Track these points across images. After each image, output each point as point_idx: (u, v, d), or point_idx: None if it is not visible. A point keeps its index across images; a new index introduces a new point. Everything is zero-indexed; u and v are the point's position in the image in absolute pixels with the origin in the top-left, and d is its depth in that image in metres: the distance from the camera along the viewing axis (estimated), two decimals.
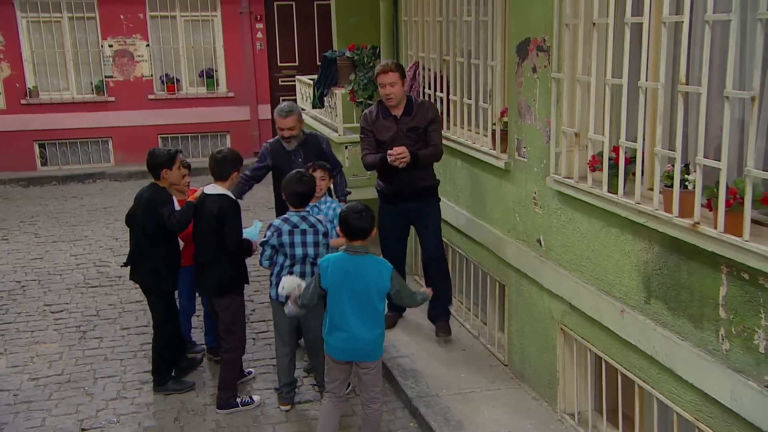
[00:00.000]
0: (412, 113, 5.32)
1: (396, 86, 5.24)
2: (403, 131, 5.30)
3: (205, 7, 13.17)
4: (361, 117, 5.50)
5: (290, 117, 5.62)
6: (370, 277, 4.06)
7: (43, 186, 12.32)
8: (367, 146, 5.43)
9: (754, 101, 2.92)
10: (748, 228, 2.96)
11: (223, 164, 4.82)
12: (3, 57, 12.46)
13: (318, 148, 5.82)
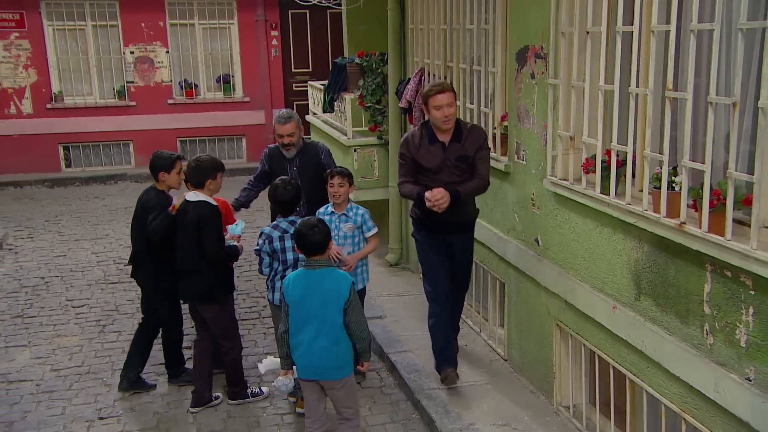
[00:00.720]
0: (461, 139, 4.60)
1: (453, 107, 4.54)
2: (452, 160, 4.60)
3: (222, 16, 13.29)
4: (402, 139, 4.81)
5: (289, 123, 5.43)
6: (330, 290, 3.85)
7: (67, 187, 12.47)
8: (405, 173, 4.75)
9: (735, 107, 2.97)
10: (731, 228, 3.01)
11: (197, 172, 4.67)
12: (30, 63, 12.61)
13: (316, 158, 5.59)
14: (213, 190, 4.73)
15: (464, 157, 4.62)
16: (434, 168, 4.63)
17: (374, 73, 7.42)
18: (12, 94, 12.63)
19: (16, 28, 12.45)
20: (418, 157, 4.65)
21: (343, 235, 4.90)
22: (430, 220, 4.72)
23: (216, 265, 4.73)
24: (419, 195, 4.61)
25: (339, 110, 7.95)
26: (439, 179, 4.59)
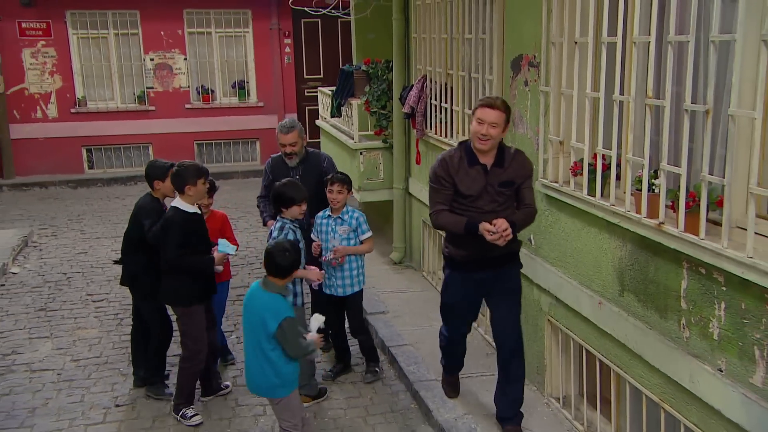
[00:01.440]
0: (504, 164, 3.99)
1: (497, 128, 3.87)
2: (495, 186, 3.96)
3: (238, 24, 13.45)
4: (436, 162, 4.06)
5: (291, 133, 5.30)
6: (262, 317, 3.72)
7: (89, 187, 12.65)
8: (442, 200, 4.03)
9: (708, 114, 3.05)
10: (704, 227, 3.09)
11: (177, 177, 4.50)
12: (56, 70, 12.81)
13: (318, 167, 5.43)
14: (193, 197, 4.51)
15: (509, 183, 3.99)
16: (474, 194, 3.95)
17: (380, 79, 7.53)
18: (38, 99, 12.83)
19: (43, 37, 12.66)
20: (457, 181, 3.97)
21: (339, 237, 4.98)
22: (475, 257, 4.05)
23: (173, 271, 4.56)
24: (470, 227, 3.90)
25: (346, 115, 8.06)
26: (478, 207, 3.97)
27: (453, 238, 4.15)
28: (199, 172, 4.50)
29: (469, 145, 4.02)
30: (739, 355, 2.97)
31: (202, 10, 13.18)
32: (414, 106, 6.65)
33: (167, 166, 4.82)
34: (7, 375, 5.51)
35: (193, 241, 4.54)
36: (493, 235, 3.82)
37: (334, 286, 5.05)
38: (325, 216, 5.06)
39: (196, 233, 4.55)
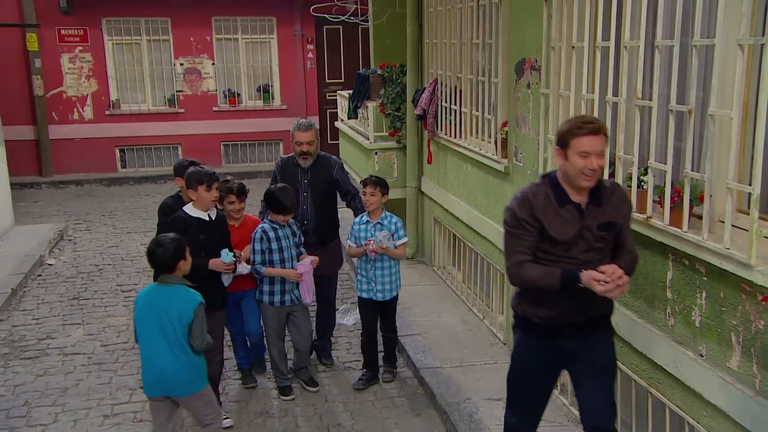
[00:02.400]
0: (601, 202, 3.09)
1: (603, 158, 3.00)
2: (593, 229, 3.06)
3: (263, 31, 13.66)
4: (514, 201, 3.14)
5: (309, 131, 5.08)
6: (175, 306, 3.65)
7: (122, 185, 12.93)
8: (525, 248, 3.09)
9: (691, 114, 3.13)
10: (687, 221, 3.17)
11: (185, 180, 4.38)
12: (92, 74, 13.10)
13: (328, 172, 5.18)
14: (197, 202, 4.34)
15: (609, 225, 3.08)
16: (568, 240, 3.04)
17: (394, 83, 7.64)
18: (75, 101, 13.14)
19: (80, 43, 12.96)
20: (545, 224, 3.06)
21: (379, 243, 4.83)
22: (554, 317, 3.16)
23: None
24: (569, 279, 2.98)
25: (362, 117, 8.18)
26: (572, 257, 3.06)
27: (533, 294, 3.17)
28: (199, 178, 4.28)
29: (554, 178, 3.13)
30: (718, 340, 3.05)
31: (229, 17, 13.40)
32: (426, 108, 6.76)
33: (185, 164, 4.74)
34: (42, 358, 5.72)
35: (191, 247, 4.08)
36: (604, 285, 2.88)
37: (374, 291, 4.94)
38: (363, 222, 4.91)
39: (193, 240, 4.14)
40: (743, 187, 2.87)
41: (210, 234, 4.39)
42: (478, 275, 6.21)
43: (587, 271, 2.94)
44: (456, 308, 6.33)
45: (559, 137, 3.07)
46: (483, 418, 4.43)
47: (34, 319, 6.57)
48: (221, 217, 4.63)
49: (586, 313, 3.16)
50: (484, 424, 4.37)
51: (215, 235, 4.44)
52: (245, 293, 4.91)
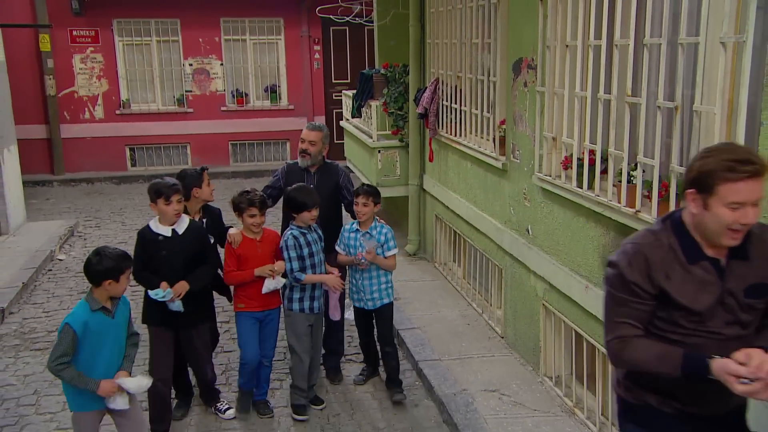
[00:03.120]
0: (748, 254, 2.28)
1: (758, 207, 2.18)
2: (738, 295, 2.27)
3: (271, 32, 13.77)
4: (622, 255, 2.33)
5: (315, 132, 5.03)
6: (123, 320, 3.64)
7: (131, 184, 13.04)
8: (630, 320, 2.32)
9: (677, 110, 3.20)
10: None
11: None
12: (102, 74, 13.24)
13: (335, 179, 5.10)
14: (160, 216, 4.14)
15: (762, 289, 2.27)
16: (703, 309, 2.26)
17: (397, 82, 7.72)
18: (86, 101, 13.28)
19: (91, 43, 13.10)
20: (670, 289, 2.25)
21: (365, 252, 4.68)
22: (684, 407, 2.38)
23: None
24: (695, 365, 2.19)
25: (366, 116, 8.27)
26: (709, 331, 2.28)
27: (649, 376, 2.37)
28: (158, 190, 4.05)
29: (680, 223, 2.31)
30: None
31: (237, 18, 13.52)
32: (427, 107, 6.84)
33: (199, 171, 4.56)
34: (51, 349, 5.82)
35: (153, 265, 4.12)
36: (745, 385, 2.05)
37: (363, 300, 4.82)
38: (353, 229, 4.78)
39: (154, 258, 4.09)
40: None
41: (173, 250, 4.10)
42: (477, 271, 6.28)
43: (721, 361, 2.11)
44: (456, 303, 6.41)
45: (698, 177, 2.17)
46: (479, 408, 4.50)
47: (44, 312, 6.69)
48: (195, 229, 4.26)
49: (724, 404, 2.34)
50: (480, 413, 4.44)
51: (182, 250, 4.13)
52: (271, 314, 4.60)
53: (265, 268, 4.41)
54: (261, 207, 4.45)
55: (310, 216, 4.44)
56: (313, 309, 4.60)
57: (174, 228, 4.13)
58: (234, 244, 4.47)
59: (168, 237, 4.11)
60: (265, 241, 4.55)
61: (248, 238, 4.49)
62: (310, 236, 4.52)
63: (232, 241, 4.47)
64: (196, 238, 4.24)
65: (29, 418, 4.74)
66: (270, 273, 4.40)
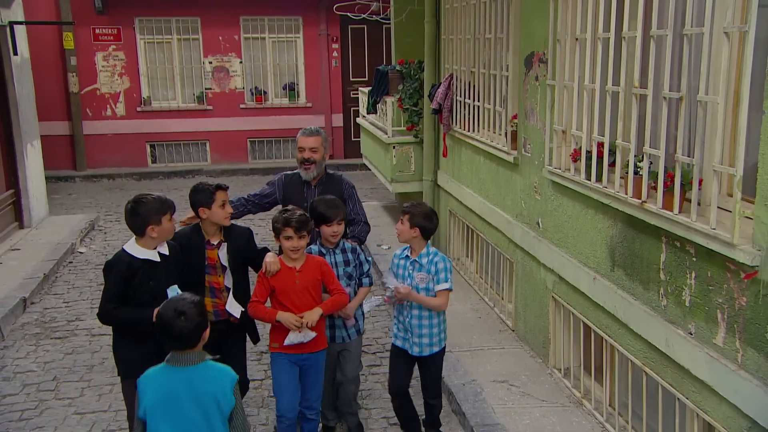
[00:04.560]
0: None
1: None
2: None
3: (290, 30, 13.91)
4: None
5: (314, 137, 4.48)
6: (207, 393, 2.71)
7: (151, 180, 13.25)
8: None
9: (682, 101, 3.23)
10: (678, 204, 3.27)
11: (133, 218, 3.51)
12: (124, 72, 13.47)
13: (337, 192, 4.44)
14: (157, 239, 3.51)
15: None
16: None
17: (412, 78, 7.79)
18: (108, 98, 13.51)
19: (113, 41, 13.33)
20: None
21: (415, 286, 3.88)
22: None
23: (110, 326, 3.60)
24: None
25: (381, 112, 8.34)
26: None
27: None
28: (162, 206, 3.50)
29: None
30: (706, 318, 3.14)
31: (257, 17, 13.67)
32: (441, 102, 6.89)
33: (212, 189, 3.81)
34: (70, 338, 5.98)
35: (138, 294, 3.44)
36: None
37: (409, 342, 3.96)
38: (403, 256, 3.99)
39: (141, 288, 3.43)
40: (727, 169, 2.96)
41: (160, 276, 3.48)
42: (489, 265, 6.32)
43: None
44: (468, 297, 6.45)
45: None
46: (487, 398, 4.55)
47: (64, 302, 6.85)
48: (173, 248, 3.65)
49: None
50: (488, 403, 4.49)
51: (168, 274, 3.52)
52: (312, 357, 3.78)
53: (290, 318, 3.61)
54: (298, 228, 3.62)
55: (330, 231, 3.87)
56: (334, 338, 3.99)
57: (159, 251, 3.53)
58: (268, 272, 3.68)
59: (156, 262, 3.48)
60: (306, 271, 3.69)
61: (286, 267, 3.70)
62: (331, 258, 3.90)
63: (266, 269, 3.69)
64: (178, 259, 3.65)
65: (48, 402, 4.88)
66: (295, 326, 3.61)
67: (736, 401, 2.91)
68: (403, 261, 3.97)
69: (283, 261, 3.72)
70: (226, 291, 3.89)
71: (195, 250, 3.82)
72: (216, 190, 3.80)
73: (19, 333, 6.08)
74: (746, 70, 2.76)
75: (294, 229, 3.63)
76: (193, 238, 3.87)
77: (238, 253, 3.89)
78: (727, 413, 3.01)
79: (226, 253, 3.85)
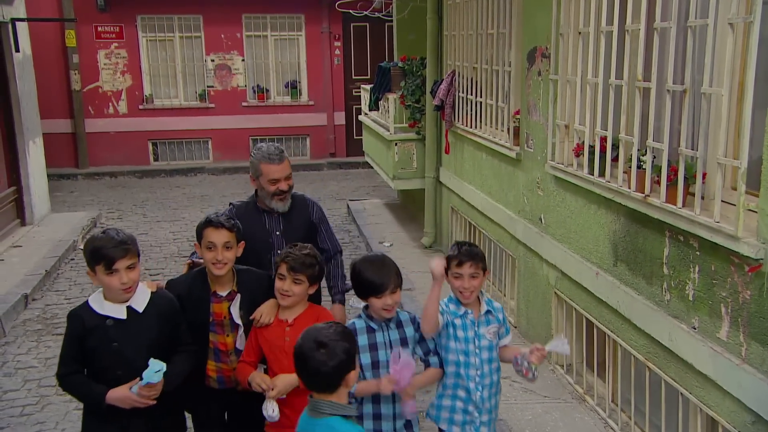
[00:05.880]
0: None
1: None
2: None
3: (292, 28, 13.91)
4: None
5: (285, 162, 3.61)
6: None
7: (153, 177, 13.25)
8: None
9: (686, 93, 3.21)
10: (682, 197, 3.25)
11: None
12: (126, 69, 13.47)
13: (304, 217, 3.73)
14: (105, 291, 2.81)
15: None
16: None
17: (414, 75, 7.76)
18: (111, 96, 13.52)
19: (116, 39, 13.34)
20: None
21: (488, 346, 3.04)
22: None
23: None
24: None
25: (383, 108, 8.32)
26: None
27: None
28: (96, 255, 2.71)
29: None
30: (709, 313, 3.12)
31: (259, 14, 13.67)
32: (443, 98, 6.87)
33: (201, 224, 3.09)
34: None
35: (97, 364, 2.78)
36: None
37: (474, 425, 3.03)
38: (458, 314, 3.02)
39: (99, 353, 2.76)
40: (732, 162, 2.94)
41: (131, 338, 2.78)
42: (491, 261, 6.30)
43: None
44: None
45: None
46: None
47: (66, 298, 6.84)
48: (163, 304, 2.90)
49: None
50: None
51: (145, 338, 2.80)
52: None
53: (257, 379, 2.87)
54: (293, 268, 2.91)
55: (382, 304, 2.83)
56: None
57: (130, 305, 2.80)
58: (257, 321, 3.00)
59: (122, 320, 2.77)
60: (300, 328, 2.64)
61: (278, 319, 3.00)
62: (383, 336, 2.90)
63: (255, 317, 3.01)
64: (165, 317, 2.88)
65: (50, 398, 4.87)
66: (261, 388, 2.84)
67: (740, 395, 2.89)
68: (460, 319, 2.99)
69: (278, 312, 3.01)
70: (235, 354, 3.11)
71: (197, 303, 3.05)
72: (205, 226, 3.03)
73: (21, 329, 6.08)
74: (751, 62, 2.75)
75: (288, 268, 2.91)
76: (195, 288, 3.08)
77: (254, 307, 3.04)
78: (731, 408, 2.99)
79: (239, 307, 3.08)
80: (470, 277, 2.96)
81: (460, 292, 2.99)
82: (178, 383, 2.90)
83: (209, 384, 3.17)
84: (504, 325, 3.10)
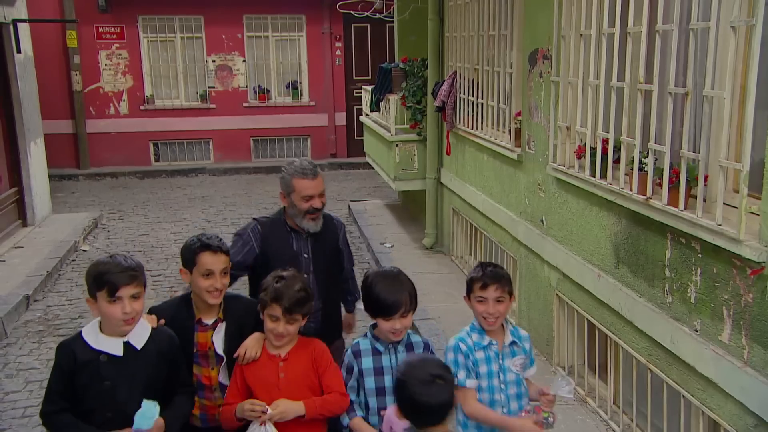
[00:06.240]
0: None
1: None
2: None
3: (293, 29, 13.91)
4: None
5: (319, 178, 3.33)
6: None
7: (155, 178, 13.24)
8: None
9: (687, 96, 3.21)
10: (684, 200, 3.25)
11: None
12: (127, 70, 13.47)
13: (333, 241, 3.55)
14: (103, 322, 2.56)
15: None
16: None
17: (416, 76, 7.76)
18: (112, 96, 13.52)
19: (117, 40, 13.34)
20: None
21: (515, 381, 2.84)
22: None
23: None
24: None
25: (385, 110, 8.32)
26: None
27: None
28: (99, 280, 2.47)
29: None
30: (711, 315, 3.12)
31: (260, 15, 13.66)
32: (445, 100, 6.87)
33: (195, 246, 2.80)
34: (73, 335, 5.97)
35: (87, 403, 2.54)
36: None
37: None
38: (481, 344, 2.79)
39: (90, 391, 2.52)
40: (734, 165, 2.94)
41: (126, 378, 2.54)
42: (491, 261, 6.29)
43: None
44: None
45: None
46: None
47: (67, 300, 6.85)
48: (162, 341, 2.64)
49: None
50: None
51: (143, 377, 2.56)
52: None
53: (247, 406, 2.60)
54: (289, 309, 2.64)
55: (389, 327, 2.68)
56: None
57: (128, 341, 2.55)
58: (242, 358, 2.71)
59: (117, 357, 2.53)
60: (295, 362, 2.66)
61: (267, 354, 2.73)
62: (387, 358, 2.74)
63: (239, 354, 2.72)
64: (164, 356, 2.63)
65: None
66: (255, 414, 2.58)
67: (742, 398, 2.89)
68: (483, 351, 2.74)
69: (266, 347, 2.73)
70: (220, 390, 2.85)
71: (180, 332, 2.75)
72: (201, 251, 2.75)
73: (22, 330, 6.08)
74: (753, 65, 2.74)
75: (283, 310, 2.62)
76: (179, 315, 2.81)
77: (240, 338, 2.76)
78: (733, 410, 2.99)
79: (223, 336, 2.81)
80: (495, 301, 2.71)
81: (483, 317, 2.72)
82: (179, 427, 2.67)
83: (192, 422, 2.85)
84: (529, 356, 2.85)
